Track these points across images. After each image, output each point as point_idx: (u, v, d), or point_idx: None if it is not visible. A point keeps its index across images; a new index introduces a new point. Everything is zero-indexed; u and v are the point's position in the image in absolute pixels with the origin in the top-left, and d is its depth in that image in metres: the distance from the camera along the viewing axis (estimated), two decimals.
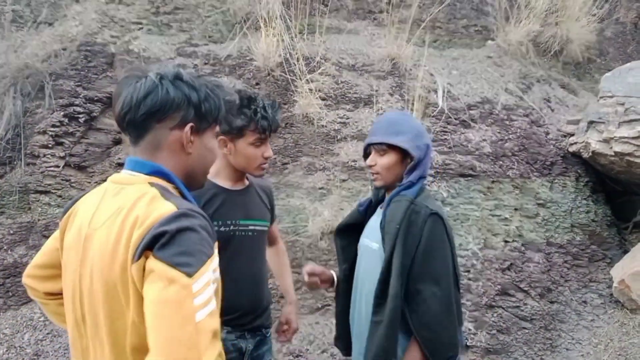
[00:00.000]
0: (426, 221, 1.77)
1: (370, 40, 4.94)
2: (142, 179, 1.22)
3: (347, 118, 4.29)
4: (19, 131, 3.93)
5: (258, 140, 1.97)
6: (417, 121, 2.02)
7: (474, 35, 5.43)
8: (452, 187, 4.09)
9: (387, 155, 1.90)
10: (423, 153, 1.90)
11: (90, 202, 1.27)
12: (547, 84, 5.14)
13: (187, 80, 1.25)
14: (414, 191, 1.86)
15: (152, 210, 1.12)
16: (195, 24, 4.63)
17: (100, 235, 1.17)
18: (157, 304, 1.02)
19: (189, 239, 1.09)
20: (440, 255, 1.78)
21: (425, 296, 1.74)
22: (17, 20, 4.37)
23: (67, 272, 1.26)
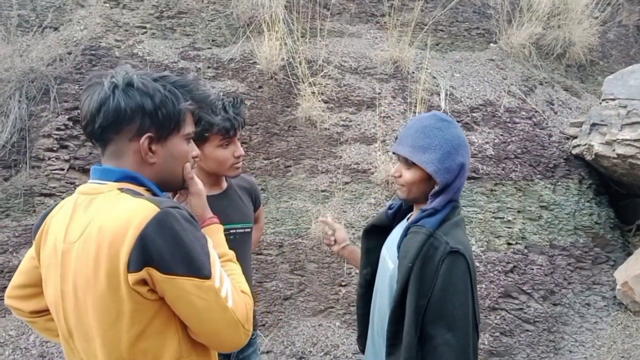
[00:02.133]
0: (444, 259, 1.54)
1: (372, 44, 4.96)
2: (110, 187, 1.19)
3: (350, 121, 4.31)
4: (24, 134, 3.96)
5: (224, 141, 1.89)
6: (455, 132, 1.65)
7: (477, 38, 5.45)
8: None
9: (412, 170, 1.65)
10: (453, 175, 1.61)
11: (61, 217, 1.24)
12: (550, 87, 5.15)
13: (139, 87, 1.19)
14: (436, 221, 1.60)
15: (131, 215, 1.10)
16: (198, 28, 4.66)
17: (77, 249, 1.14)
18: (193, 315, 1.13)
19: (186, 240, 1.10)
20: (458, 299, 1.54)
21: (437, 343, 1.54)
22: (22, 24, 4.41)
23: (48, 289, 1.24)
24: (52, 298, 1.23)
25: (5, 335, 3.44)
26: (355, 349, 3.48)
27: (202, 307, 1.11)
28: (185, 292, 1.09)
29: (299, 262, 3.74)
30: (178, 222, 1.11)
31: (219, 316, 1.13)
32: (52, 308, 1.25)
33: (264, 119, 4.19)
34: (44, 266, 1.25)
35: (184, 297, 1.10)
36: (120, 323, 1.12)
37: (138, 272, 1.07)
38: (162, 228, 1.08)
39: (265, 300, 3.64)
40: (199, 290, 1.10)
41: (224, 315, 1.13)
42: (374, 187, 3.98)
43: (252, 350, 2.17)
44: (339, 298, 3.64)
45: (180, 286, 1.09)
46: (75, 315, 1.17)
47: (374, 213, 3.86)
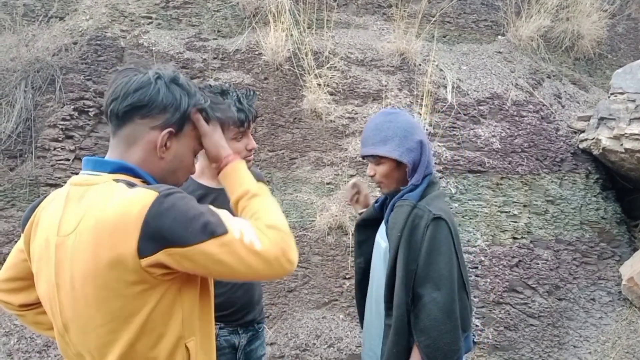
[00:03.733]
0: (428, 226, 1.72)
1: (379, 35, 4.92)
2: (105, 178, 1.18)
3: (356, 113, 4.28)
4: (30, 124, 3.96)
5: (238, 134, 1.88)
6: (404, 118, 1.86)
7: (484, 30, 5.40)
8: (460, 183, 4.08)
9: (382, 165, 1.84)
10: (417, 154, 1.81)
11: (53, 209, 1.21)
12: (558, 80, 5.10)
13: (182, 84, 1.24)
14: (417, 193, 1.80)
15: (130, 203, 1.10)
16: (204, 18, 4.64)
17: (73, 241, 1.13)
18: (231, 268, 1.11)
19: (191, 209, 1.11)
20: (443, 260, 1.71)
21: (425, 301, 1.70)
22: (28, 14, 4.39)
23: (41, 283, 1.22)
24: (45, 292, 1.21)
25: (10, 324, 3.46)
26: (359, 341, 3.48)
27: (233, 260, 1.10)
28: (212, 254, 1.09)
29: (303, 255, 3.74)
30: (178, 198, 1.12)
31: (252, 261, 1.11)
32: (45, 302, 1.23)
33: (269, 111, 4.18)
34: (35, 259, 1.23)
35: (212, 259, 1.10)
36: (127, 309, 1.12)
37: (153, 256, 1.08)
38: (166, 209, 1.09)
39: (269, 293, 3.65)
40: (223, 247, 1.10)
41: (257, 259, 1.12)
42: None
43: (259, 343, 2.17)
44: (343, 291, 3.64)
45: (205, 251, 1.09)
46: (73, 308, 1.15)
47: None
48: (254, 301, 2.10)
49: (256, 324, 2.13)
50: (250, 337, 2.11)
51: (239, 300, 2.03)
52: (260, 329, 2.18)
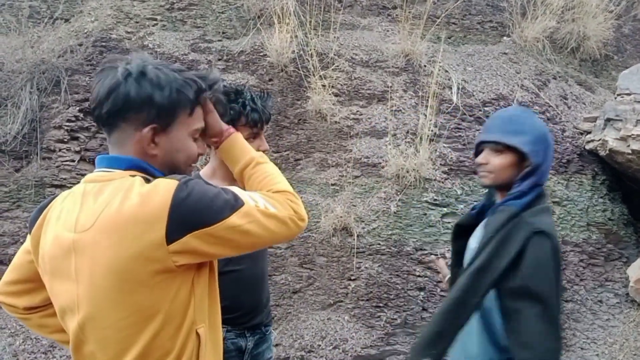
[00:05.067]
0: (530, 239, 1.61)
1: (384, 36, 4.91)
2: (122, 174, 1.18)
3: (361, 114, 4.28)
4: (35, 126, 3.97)
5: (251, 135, 1.85)
6: (539, 121, 1.81)
7: (490, 32, 5.38)
8: (466, 185, 4.07)
9: (502, 156, 1.73)
10: (541, 159, 1.71)
11: (67, 207, 1.21)
12: (564, 81, 5.08)
13: (151, 77, 1.18)
14: (523, 203, 1.69)
15: (153, 194, 1.11)
16: (209, 20, 4.64)
17: (93, 236, 1.13)
18: (255, 234, 1.19)
19: (210, 191, 1.16)
20: (548, 276, 1.62)
21: (526, 315, 1.61)
22: (33, 16, 4.41)
23: (57, 281, 1.21)
24: (62, 291, 1.20)
25: (16, 325, 3.46)
26: (364, 343, 3.47)
27: (256, 227, 1.18)
28: (237, 226, 1.16)
29: (308, 256, 3.73)
30: (196, 183, 1.16)
31: (271, 224, 1.20)
32: (62, 300, 1.21)
33: (274, 112, 4.16)
34: (49, 259, 1.21)
35: (239, 230, 1.16)
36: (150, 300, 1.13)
37: (181, 239, 1.11)
38: (188, 194, 1.12)
39: (274, 294, 3.63)
40: (245, 217, 1.17)
41: (274, 221, 1.21)
42: (384, 181, 3.96)
43: (266, 346, 2.15)
44: (348, 292, 3.63)
45: (231, 225, 1.15)
46: (92, 304, 1.15)
47: (384, 207, 3.84)
48: (261, 304, 2.08)
49: (263, 327, 2.11)
50: (257, 340, 2.08)
51: (246, 303, 2.01)
52: (268, 332, 2.16)
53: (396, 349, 3.48)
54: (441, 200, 3.93)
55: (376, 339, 3.49)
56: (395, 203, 3.85)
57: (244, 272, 1.97)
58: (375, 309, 3.58)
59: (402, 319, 3.55)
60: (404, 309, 3.58)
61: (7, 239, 3.74)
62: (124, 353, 1.15)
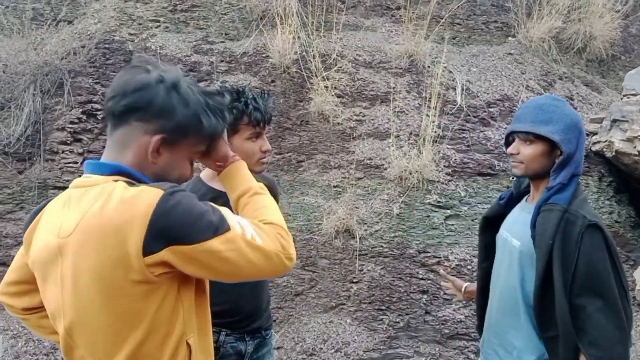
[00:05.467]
0: (583, 233, 1.61)
1: (387, 37, 4.89)
2: (106, 179, 1.17)
3: (364, 116, 4.25)
4: (39, 127, 3.98)
5: (254, 135, 1.86)
6: (570, 108, 1.76)
7: (494, 32, 5.34)
8: (469, 186, 4.03)
9: (533, 145, 1.72)
10: (575, 147, 1.68)
11: (53, 212, 1.22)
12: (570, 82, 5.03)
13: (181, 92, 1.19)
14: (567, 196, 1.66)
15: (137, 201, 1.08)
16: (212, 21, 4.64)
17: (75, 241, 1.12)
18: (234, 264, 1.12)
19: (196, 207, 1.12)
20: (602, 268, 1.61)
21: (590, 311, 1.61)
22: (37, 18, 4.43)
23: (46, 285, 1.21)
24: (51, 295, 1.20)
25: (18, 327, 3.47)
26: (367, 346, 3.44)
27: (237, 257, 1.12)
28: (216, 252, 1.10)
29: (310, 258, 3.71)
30: (182, 196, 1.12)
31: (254, 257, 1.13)
32: (51, 305, 1.22)
33: (276, 114, 4.15)
34: (39, 263, 1.21)
35: (217, 257, 1.11)
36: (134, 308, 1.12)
37: (157, 254, 1.08)
38: (172, 206, 1.08)
39: (276, 296, 3.62)
40: (227, 243, 1.11)
41: (258, 254, 1.14)
42: (387, 183, 3.93)
43: (266, 350, 2.13)
44: (350, 295, 3.60)
45: (211, 248, 1.10)
46: (77, 310, 1.14)
47: (386, 209, 3.81)
48: (261, 308, 2.07)
49: (263, 330, 2.09)
50: (258, 344, 2.07)
51: (245, 307, 2.00)
52: (268, 336, 2.14)
53: (399, 353, 3.45)
54: (445, 202, 3.90)
55: (378, 342, 3.46)
56: (398, 205, 3.82)
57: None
58: (378, 312, 3.55)
59: (404, 322, 3.52)
60: (407, 312, 3.55)
61: (10, 240, 3.75)
62: (111, 358, 1.14)
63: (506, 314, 1.83)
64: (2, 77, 3.95)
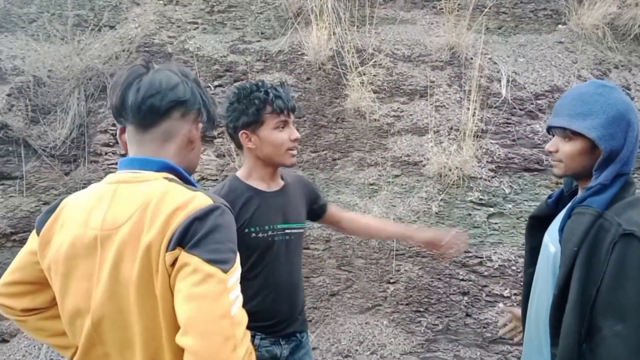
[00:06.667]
0: (616, 243, 1.37)
1: (427, 29, 4.73)
2: (156, 175, 1.22)
3: (402, 111, 4.13)
4: (83, 130, 4.11)
5: (280, 124, 1.87)
6: (619, 95, 1.50)
7: (543, 20, 5.07)
8: (515, 183, 3.83)
9: (572, 142, 1.52)
10: (620, 143, 1.46)
11: (82, 208, 1.22)
12: (627, 70, 4.70)
13: (202, 86, 1.35)
14: (605, 199, 1.45)
15: (189, 200, 1.13)
16: (248, 21, 4.64)
17: (124, 232, 1.13)
18: (193, 298, 1.05)
19: (223, 236, 1.12)
20: (632, 286, 1.35)
21: (606, 335, 1.37)
22: (81, 24, 4.58)
23: (75, 282, 1.20)
24: (78, 290, 1.19)
25: None
26: (404, 349, 3.33)
27: (204, 294, 1.05)
28: (195, 273, 1.06)
29: (346, 258, 3.63)
30: (223, 217, 1.14)
31: (217, 313, 1.05)
32: (75, 301, 1.21)
33: (311, 111, 4.11)
34: (64, 259, 1.20)
35: (191, 279, 1.06)
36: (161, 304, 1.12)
37: (172, 252, 1.09)
38: (207, 217, 1.11)
39: (311, 296, 3.57)
40: (211, 277, 1.06)
41: (222, 317, 1.05)
42: (426, 180, 3.79)
43: (304, 352, 2.08)
44: (387, 296, 3.50)
45: (196, 267, 1.07)
46: (111, 302, 1.14)
47: (425, 208, 3.68)
48: (296, 312, 2.03)
49: (298, 333, 2.05)
50: (293, 347, 2.03)
51: (280, 312, 1.96)
52: (304, 338, 2.08)
53: (437, 356, 3.32)
54: (487, 200, 3.72)
55: (416, 345, 3.34)
56: (437, 203, 3.68)
57: (281, 278, 1.94)
58: (416, 314, 3.44)
59: (443, 324, 3.38)
60: (446, 314, 3.41)
61: None
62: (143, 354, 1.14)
63: (540, 328, 1.63)
64: (48, 83, 4.11)
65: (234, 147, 3.90)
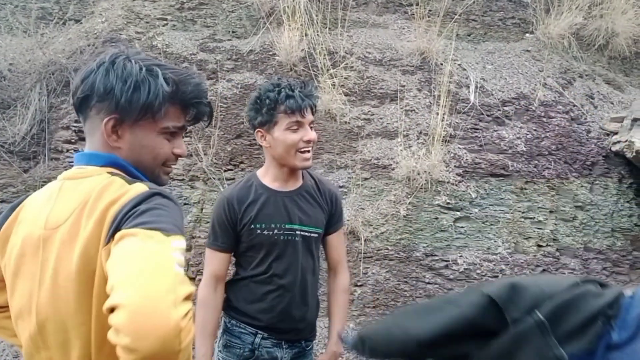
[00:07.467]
0: None
1: (399, 34, 4.76)
2: (99, 170, 1.15)
3: (372, 114, 4.14)
4: (44, 126, 3.98)
5: (293, 124, 1.80)
6: None
7: (512, 28, 5.17)
8: (481, 187, 3.88)
9: None
10: None
11: (39, 204, 1.18)
12: (591, 80, 4.83)
13: (117, 68, 1.16)
14: None
15: (123, 193, 1.07)
16: (219, 19, 4.58)
17: (63, 232, 1.08)
18: (127, 258, 0.91)
19: (163, 212, 1.02)
20: None
21: None
22: (45, 17, 4.44)
23: (20, 281, 1.16)
24: (25, 290, 1.15)
25: None
26: None
27: (141, 252, 0.90)
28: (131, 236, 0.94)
29: None
30: (164, 200, 1.06)
31: (156, 267, 0.88)
32: (22, 301, 1.16)
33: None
34: (15, 257, 1.16)
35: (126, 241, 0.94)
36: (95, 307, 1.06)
37: (107, 246, 1.01)
38: (144, 201, 1.04)
39: None
40: (150, 238, 0.93)
41: (163, 270, 0.88)
42: (395, 183, 3.81)
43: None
44: (354, 299, 3.49)
45: (132, 232, 0.95)
46: (53, 305, 1.09)
47: (393, 211, 3.69)
48: (304, 319, 2.00)
49: (304, 341, 2.02)
50: (295, 354, 1.99)
51: (286, 314, 1.92)
52: (308, 347, 2.05)
53: None
54: (454, 204, 3.76)
55: None
56: (405, 206, 3.70)
57: (285, 278, 1.91)
58: (382, 317, 3.43)
59: None
60: None
61: None
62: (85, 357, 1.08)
63: None
64: (9, 76, 3.97)
65: (202, 147, 3.85)
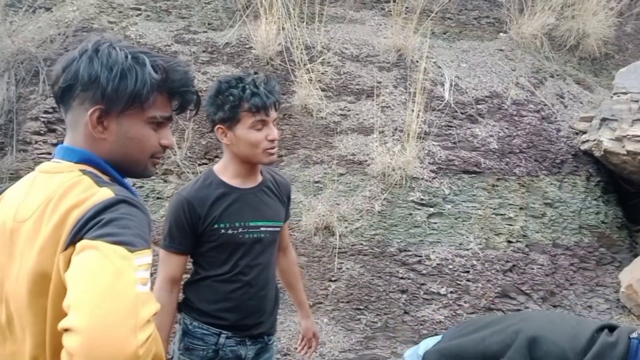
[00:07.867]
0: None
1: (376, 31, 4.78)
2: (72, 167, 1.10)
3: (348, 110, 4.15)
4: (12, 117, 3.87)
5: (258, 123, 1.74)
6: None
7: (486, 28, 5.24)
8: (454, 184, 3.93)
9: None
10: None
11: (15, 195, 1.14)
12: (562, 79, 4.94)
13: (102, 56, 1.09)
14: None
15: (88, 197, 1.01)
16: (194, 10, 4.52)
17: (27, 227, 1.05)
18: (86, 276, 0.86)
19: (129, 223, 0.97)
20: None
21: None
22: (14, 4, 4.31)
23: None
24: None
25: None
26: (342, 346, 3.35)
27: (101, 269, 0.85)
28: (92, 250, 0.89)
29: None
30: (129, 209, 1.00)
31: (115, 288, 0.84)
32: None
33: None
34: None
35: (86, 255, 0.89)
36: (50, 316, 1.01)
37: (66, 251, 0.96)
38: (108, 209, 0.97)
39: None
40: (113, 253, 0.88)
41: (122, 292, 0.84)
42: (370, 179, 3.83)
43: (268, 356, 2.02)
44: (328, 294, 3.51)
45: (93, 245, 0.89)
46: (15, 299, 1.06)
47: (368, 207, 3.72)
48: (265, 314, 1.96)
49: (266, 336, 2.00)
50: (259, 349, 1.97)
51: (249, 312, 1.90)
52: (270, 342, 2.03)
53: (375, 354, 3.36)
54: (428, 200, 3.81)
55: (355, 342, 3.36)
56: (380, 202, 3.73)
57: (250, 276, 1.88)
58: (355, 312, 3.46)
59: (382, 322, 3.43)
60: (385, 312, 3.45)
61: None
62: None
63: None
64: None
65: (176, 140, 3.80)
